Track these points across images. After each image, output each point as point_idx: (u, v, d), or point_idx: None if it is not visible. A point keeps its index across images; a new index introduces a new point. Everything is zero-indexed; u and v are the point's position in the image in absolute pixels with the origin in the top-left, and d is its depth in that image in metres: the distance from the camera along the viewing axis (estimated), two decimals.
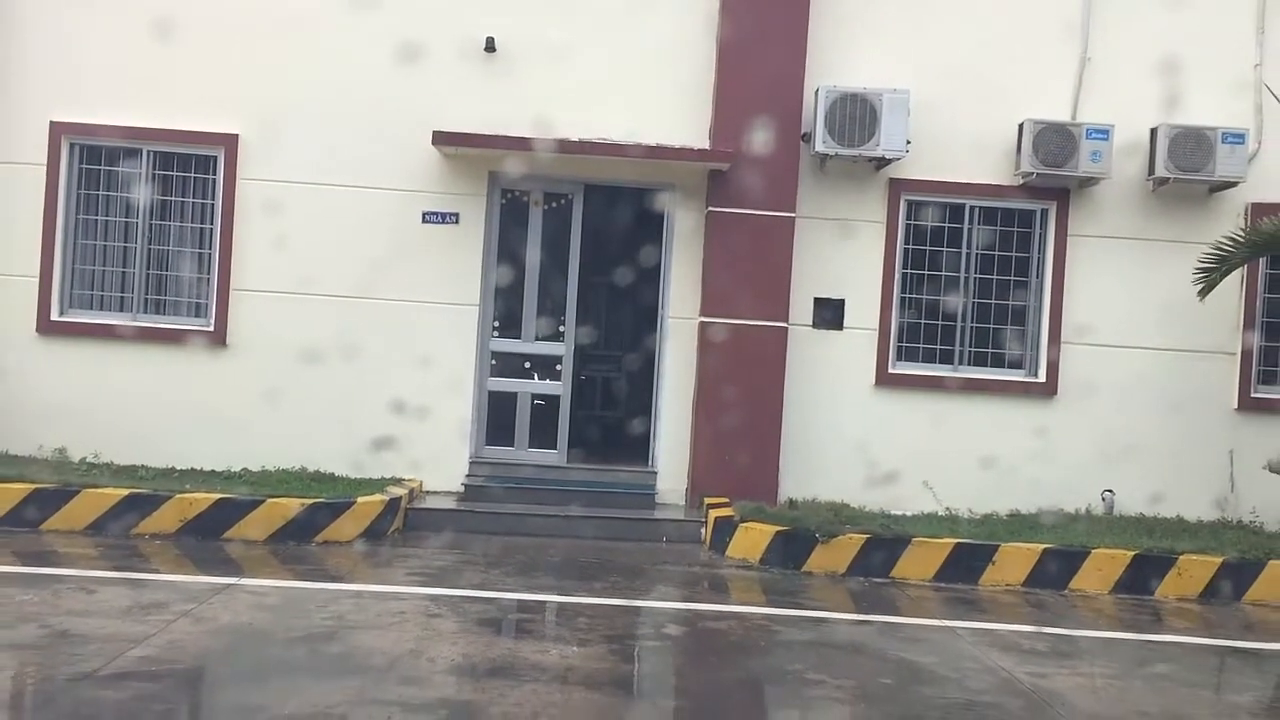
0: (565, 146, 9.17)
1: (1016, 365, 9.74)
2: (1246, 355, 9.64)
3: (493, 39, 9.40)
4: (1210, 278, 8.98)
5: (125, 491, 8.18)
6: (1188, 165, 9.27)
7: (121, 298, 9.51)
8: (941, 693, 5.66)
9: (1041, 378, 9.68)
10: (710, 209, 9.43)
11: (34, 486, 8.13)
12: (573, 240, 9.74)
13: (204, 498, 8.18)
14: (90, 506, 8.09)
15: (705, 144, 9.41)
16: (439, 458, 9.42)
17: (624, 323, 10.26)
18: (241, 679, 5.27)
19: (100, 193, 9.47)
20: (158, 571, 7.22)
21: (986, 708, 5.43)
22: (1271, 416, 9.55)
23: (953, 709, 5.42)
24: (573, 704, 5.15)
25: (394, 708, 4.87)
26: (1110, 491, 9.53)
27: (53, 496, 8.10)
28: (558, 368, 9.75)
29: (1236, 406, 9.63)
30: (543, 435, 9.71)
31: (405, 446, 9.32)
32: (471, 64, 9.43)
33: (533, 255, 9.73)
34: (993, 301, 9.70)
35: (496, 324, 9.71)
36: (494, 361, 9.71)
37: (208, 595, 6.55)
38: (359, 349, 9.35)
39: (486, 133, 9.20)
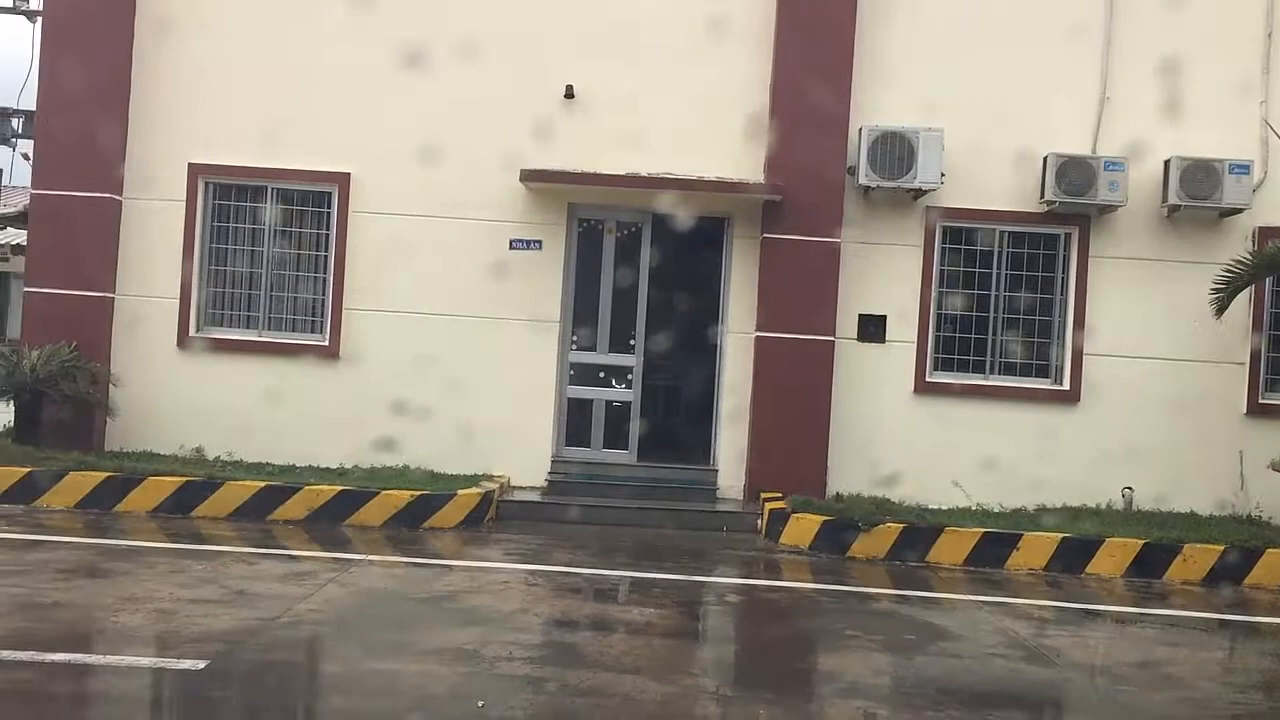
0: (635, 181, 10.61)
1: (1043, 374, 10.98)
2: (1255, 364, 10.80)
3: (571, 87, 10.84)
4: (1222, 298, 10.17)
5: (262, 484, 9.74)
6: (1198, 194, 10.46)
7: (249, 316, 11.08)
8: (956, 646, 6.98)
9: (1066, 385, 10.90)
10: (765, 235, 10.80)
11: (185, 479, 9.72)
12: (642, 264, 11.16)
13: (328, 489, 9.71)
14: (232, 496, 9.65)
15: (760, 178, 10.78)
16: (525, 456, 10.87)
17: (688, 337, 11.59)
18: (389, 625, 6.73)
19: (231, 225, 11.06)
20: (297, 549, 8.71)
21: (992, 655, 6.75)
22: (1278, 421, 10.68)
23: (963, 655, 6.75)
24: (654, 647, 6.56)
25: (513, 646, 6.29)
26: (1130, 489, 10.70)
27: (200, 488, 9.67)
28: (629, 377, 11.17)
29: (1246, 411, 10.79)
30: (616, 437, 11.14)
31: (495, 446, 10.77)
32: (552, 109, 10.87)
33: (607, 277, 11.18)
34: (1021, 316, 10.96)
35: (575, 338, 11.15)
36: (572, 371, 11.15)
37: (344, 567, 8.05)
38: (453, 360, 10.80)
39: (566, 169, 10.67)
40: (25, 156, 20.13)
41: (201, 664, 5.57)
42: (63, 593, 6.87)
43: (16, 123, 18.46)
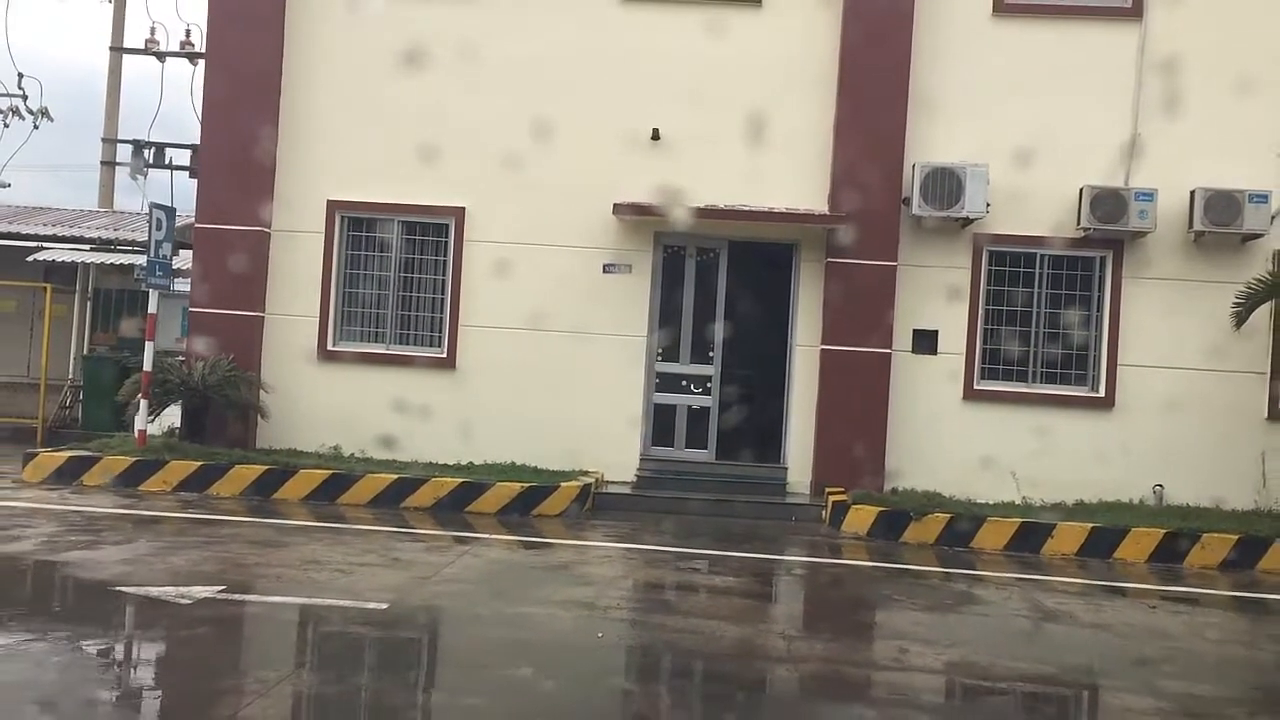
0: (713, 212, 12.31)
1: (1080, 382, 12.46)
2: (1275, 373, 12.17)
3: (657, 129, 12.58)
4: (1241, 312, 11.60)
5: (394, 476, 11.61)
6: (1220, 221, 11.88)
7: (377, 331, 12.99)
8: (985, 609, 8.57)
9: (1102, 393, 12.37)
10: (829, 259, 12.44)
11: (331, 472, 11.63)
12: (719, 284, 12.88)
13: (451, 481, 11.55)
14: (370, 487, 11.53)
15: (824, 208, 12.43)
16: (616, 455, 12.61)
17: (760, 349, 13.17)
18: (518, 584, 8.50)
19: (362, 253, 12.99)
20: (431, 529, 10.52)
21: (1015, 615, 8.34)
22: None
23: (990, 614, 8.34)
24: (733, 604, 8.24)
25: (619, 599, 8.03)
26: (1160, 486, 12.12)
27: (343, 479, 11.57)
28: (708, 385, 12.88)
29: (1267, 416, 12.19)
30: (696, 438, 12.87)
31: (590, 446, 12.52)
32: (640, 148, 12.62)
33: (688, 297, 12.92)
34: (1060, 330, 12.46)
35: (660, 351, 12.89)
36: (658, 380, 12.89)
37: (473, 543, 9.85)
38: (554, 371, 12.63)
39: (653, 202, 12.40)
40: (133, 178, 22.51)
41: (384, 605, 7.38)
42: (259, 557, 8.76)
43: (148, 154, 20.67)
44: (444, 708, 5.72)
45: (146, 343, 12.08)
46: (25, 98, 20.90)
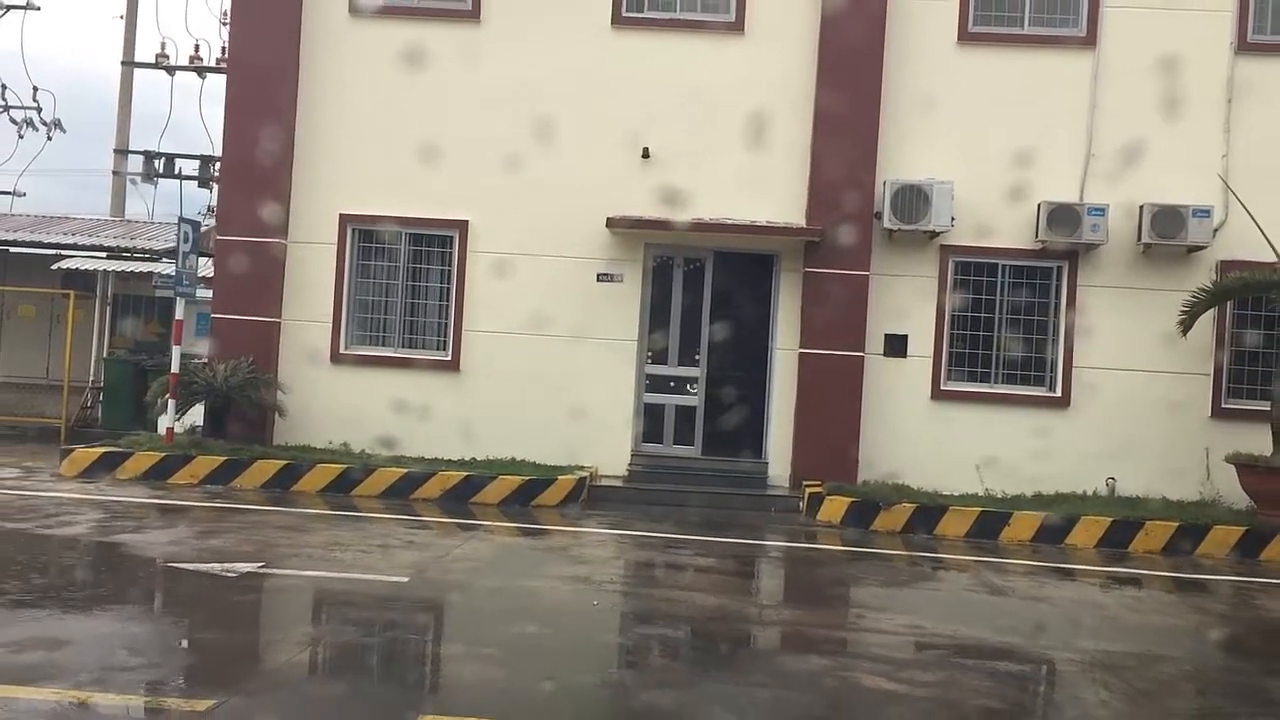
0: (700, 225, 13.48)
1: (1039, 382, 13.65)
2: (1218, 375, 13.38)
3: (648, 148, 13.75)
4: (1187, 320, 12.80)
5: (404, 471, 12.76)
6: (1166, 234, 13.07)
7: (385, 336, 14.15)
8: (939, 585, 9.76)
9: (1059, 393, 13.56)
10: (806, 269, 13.62)
11: (346, 466, 12.77)
12: (705, 292, 14.06)
13: (457, 474, 12.70)
14: (382, 480, 12.67)
15: (802, 222, 13.60)
16: (609, 451, 13.75)
17: (743, 352, 14.27)
18: (522, 563, 9.67)
19: (372, 262, 14.15)
20: (440, 517, 11.68)
21: (964, 590, 9.53)
22: (1238, 423, 13.20)
23: (942, 590, 9.52)
24: (714, 580, 9.42)
25: (612, 575, 9.20)
26: (1113, 479, 13.30)
27: (357, 473, 12.71)
28: (694, 386, 14.06)
29: (1210, 415, 13.38)
30: (683, 435, 14.04)
31: (585, 442, 13.65)
32: (632, 165, 13.79)
33: (676, 303, 14.09)
34: (1020, 335, 13.65)
35: (650, 354, 14.06)
36: (648, 381, 14.06)
37: (478, 530, 11.01)
38: (551, 372, 13.77)
39: (643, 216, 13.56)
40: (132, 183, 23.67)
41: (405, 578, 8.54)
42: (287, 540, 9.91)
43: (157, 163, 21.80)
44: (465, 655, 6.86)
45: (174, 347, 13.22)
46: (40, 110, 22.00)
